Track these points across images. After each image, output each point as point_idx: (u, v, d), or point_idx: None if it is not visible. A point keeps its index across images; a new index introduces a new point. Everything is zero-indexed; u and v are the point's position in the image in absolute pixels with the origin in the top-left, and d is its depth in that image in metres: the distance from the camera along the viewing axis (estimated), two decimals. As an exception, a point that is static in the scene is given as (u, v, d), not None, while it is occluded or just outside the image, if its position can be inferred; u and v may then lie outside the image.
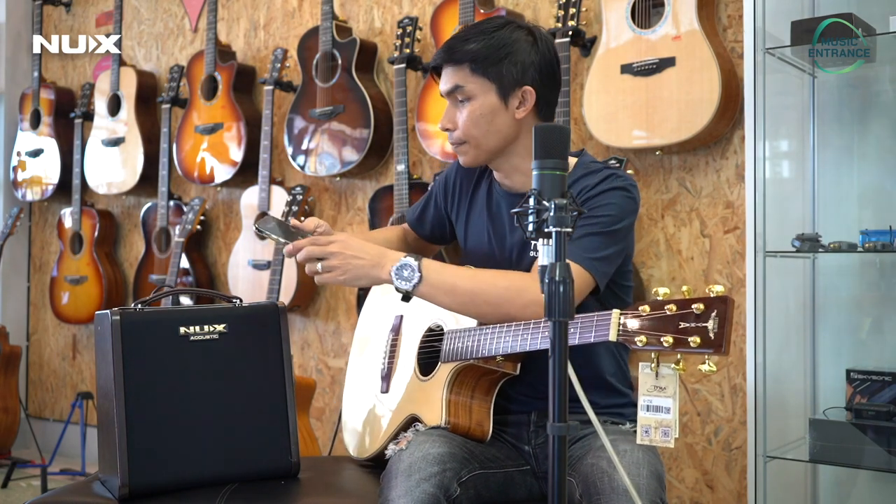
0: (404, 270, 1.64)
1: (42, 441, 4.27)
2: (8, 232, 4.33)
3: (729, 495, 2.70)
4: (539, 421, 1.77)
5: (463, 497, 1.59)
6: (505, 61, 1.72)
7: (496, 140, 1.76)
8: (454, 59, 1.74)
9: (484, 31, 1.74)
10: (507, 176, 1.83)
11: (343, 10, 3.62)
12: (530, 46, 1.74)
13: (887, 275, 2.44)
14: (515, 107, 1.74)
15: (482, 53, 1.72)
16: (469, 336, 1.69)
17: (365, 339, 2.10)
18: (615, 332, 1.39)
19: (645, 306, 1.35)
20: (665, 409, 1.35)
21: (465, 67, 1.73)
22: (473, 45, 1.72)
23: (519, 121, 1.75)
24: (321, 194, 3.68)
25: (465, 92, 1.74)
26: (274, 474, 1.82)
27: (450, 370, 1.71)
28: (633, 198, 1.72)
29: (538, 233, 1.24)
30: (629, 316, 1.37)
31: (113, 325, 1.73)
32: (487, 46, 1.72)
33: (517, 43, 1.73)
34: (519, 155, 1.79)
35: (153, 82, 4.27)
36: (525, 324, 1.58)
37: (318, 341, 3.70)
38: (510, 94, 1.73)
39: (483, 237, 1.87)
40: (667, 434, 1.34)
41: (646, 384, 1.37)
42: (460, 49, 1.73)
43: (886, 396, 2.25)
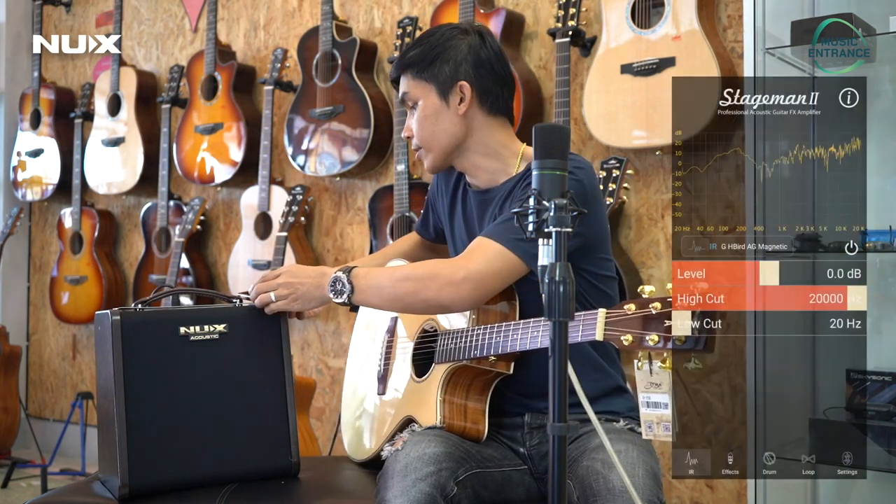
0: (337, 284, 1.73)
1: (42, 441, 4.26)
2: (8, 232, 4.33)
3: (729, 495, 2.70)
4: (533, 423, 1.76)
5: (461, 496, 1.59)
6: (437, 61, 1.79)
7: (446, 139, 1.81)
8: (398, 68, 1.85)
9: (422, 38, 1.85)
10: (472, 175, 1.87)
11: (343, 10, 3.62)
12: (463, 43, 1.80)
13: (887, 275, 2.44)
14: (457, 103, 1.80)
15: (418, 58, 1.81)
16: (461, 337, 1.70)
17: (362, 341, 2.11)
18: (601, 332, 1.40)
19: (630, 305, 1.37)
20: (663, 404, 1.36)
21: (407, 74, 1.83)
22: (412, 53, 1.83)
23: (463, 116, 1.80)
24: (321, 194, 3.68)
25: (411, 97, 1.83)
26: (274, 474, 1.82)
27: (444, 371, 1.72)
28: (583, 187, 1.67)
29: (538, 233, 1.24)
30: (615, 315, 1.38)
31: (113, 325, 1.73)
32: (422, 51, 1.81)
33: (448, 41, 1.80)
34: (476, 152, 1.83)
35: (153, 82, 4.27)
36: (515, 323, 1.60)
37: (318, 341, 3.70)
38: (449, 92, 1.80)
39: (462, 237, 1.90)
40: (668, 429, 1.35)
41: (642, 381, 1.38)
42: (403, 58, 1.85)
43: (886, 396, 2.25)
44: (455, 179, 1.94)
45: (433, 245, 2.10)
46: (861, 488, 2.48)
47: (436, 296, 1.65)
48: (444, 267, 1.68)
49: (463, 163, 1.85)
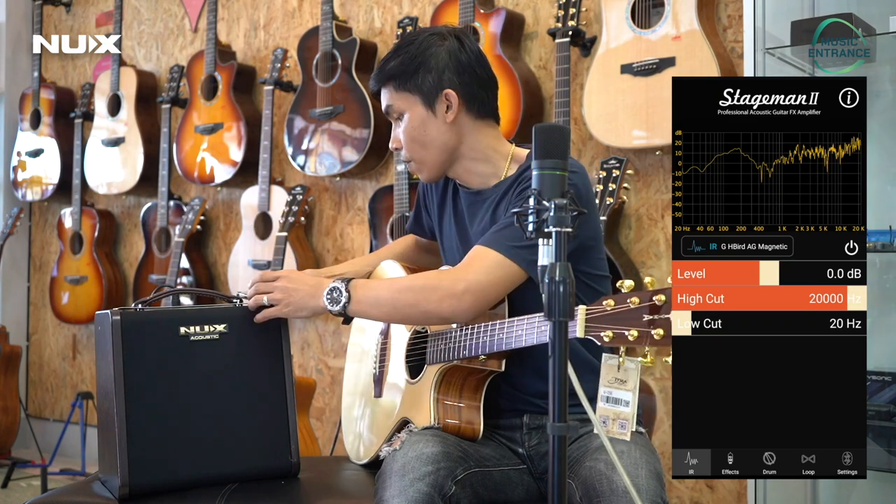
0: (334, 293, 1.72)
1: (42, 441, 4.27)
2: (8, 232, 4.34)
3: (729, 495, 2.70)
4: (532, 423, 1.76)
5: (460, 495, 1.59)
6: (420, 70, 1.75)
7: (437, 151, 1.79)
8: (379, 80, 1.81)
9: (399, 48, 1.79)
10: (463, 178, 1.85)
11: (343, 10, 3.62)
12: (442, 50, 1.76)
13: (887, 275, 2.44)
14: (444, 112, 1.77)
15: (399, 69, 1.77)
16: (451, 337, 1.70)
17: (358, 343, 2.11)
18: (582, 329, 1.39)
19: (609, 300, 1.37)
20: (624, 402, 1.36)
21: (389, 87, 1.79)
22: (392, 64, 1.78)
23: (452, 124, 1.77)
24: (321, 194, 3.68)
25: (396, 109, 1.80)
26: (274, 474, 1.82)
27: (436, 371, 1.72)
28: (571, 183, 1.63)
29: (538, 233, 1.24)
30: (595, 312, 1.38)
31: (113, 325, 1.73)
32: (402, 61, 1.77)
33: (429, 49, 1.76)
34: (468, 157, 1.81)
35: (153, 82, 4.27)
36: (502, 322, 1.60)
37: (318, 341, 3.71)
38: (434, 102, 1.76)
39: (452, 236, 1.89)
40: (623, 427, 1.35)
41: (607, 375, 1.37)
42: (382, 70, 1.80)
43: (886, 396, 2.25)
44: (445, 178, 1.94)
45: (429, 245, 2.08)
46: (861, 488, 2.48)
47: (436, 308, 1.64)
48: (444, 278, 1.66)
49: (456, 169, 1.83)
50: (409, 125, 1.78)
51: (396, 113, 1.80)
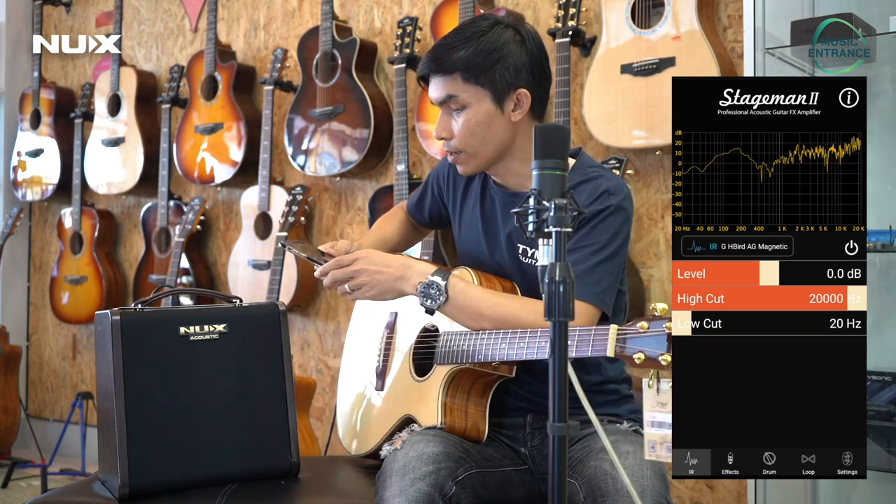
0: (431, 289, 1.65)
1: (42, 441, 4.27)
2: (8, 232, 4.33)
3: (729, 495, 2.70)
4: (535, 423, 1.76)
5: (461, 496, 1.59)
6: (497, 66, 1.67)
7: (494, 147, 1.73)
8: (443, 68, 1.69)
9: (471, 37, 1.68)
10: (501, 177, 1.81)
11: (343, 10, 3.62)
12: (519, 47, 1.70)
13: (887, 275, 2.44)
14: (511, 110, 1.71)
15: (473, 61, 1.67)
16: (465, 340, 1.68)
17: (360, 335, 2.10)
18: (612, 348, 1.40)
19: (643, 323, 1.36)
20: (668, 424, 1.34)
21: (456, 76, 1.68)
22: (462, 53, 1.67)
23: (515, 123, 1.72)
24: (321, 194, 3.68)
25: (459, 101, 1.70)
26: (274, 474, 1.82)
27: (445, 372, 1.71)
28: (627, 215, 1.70)
29: (538, 233, 1.24)
30: (627, 333, 1.38)
31: (113, 325, 1.73)
32: (477, 52, 1.67)
33: (507, 45, 1.68)
34: (515, 158, 1.76)
35: (153, 82, 4.27)
36: (522, 332, 1.58)
37: (318, 341, 3.70)
38: (505, 99, 1.69)
39: (475, 231, 1.85)
40: (670, 450, 1.34)
41: (649, 401, 1.37)
42: (449, 58, 1.68)
43: (886, 396, 2.25)
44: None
45: (419, 227, 2.07)
46: (861, 488, 2.48)
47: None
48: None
49: (498, 167, 1.78)
50: (472, 119, 1.70)
51: (456, 105, 1.70)
